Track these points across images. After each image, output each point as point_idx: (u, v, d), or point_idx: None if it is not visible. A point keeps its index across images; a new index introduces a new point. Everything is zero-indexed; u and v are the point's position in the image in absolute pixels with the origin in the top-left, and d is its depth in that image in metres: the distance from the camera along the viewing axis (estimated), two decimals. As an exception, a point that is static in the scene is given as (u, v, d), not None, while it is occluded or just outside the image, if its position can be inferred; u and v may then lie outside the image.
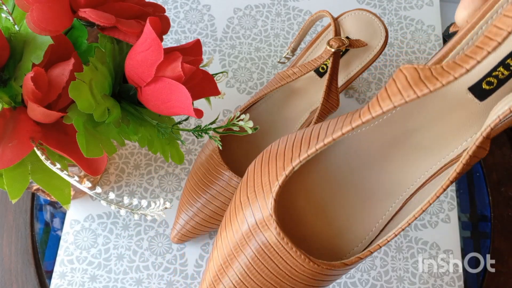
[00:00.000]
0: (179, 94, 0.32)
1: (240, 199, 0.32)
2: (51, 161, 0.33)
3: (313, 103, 0.53)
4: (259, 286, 0.30)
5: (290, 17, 0.64)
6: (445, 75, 0.25)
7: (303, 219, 0.34)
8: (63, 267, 0.50)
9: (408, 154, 0.33)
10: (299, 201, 0.34)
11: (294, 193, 0.34)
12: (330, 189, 0.34)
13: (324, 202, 0.34)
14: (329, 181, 0.34)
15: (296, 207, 0.34)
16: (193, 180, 0.49)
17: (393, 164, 0.33)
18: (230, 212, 0.33)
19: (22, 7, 0.31)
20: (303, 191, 0.34)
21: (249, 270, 0.31)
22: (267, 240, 0.30)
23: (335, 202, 0.34)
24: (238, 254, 0.31)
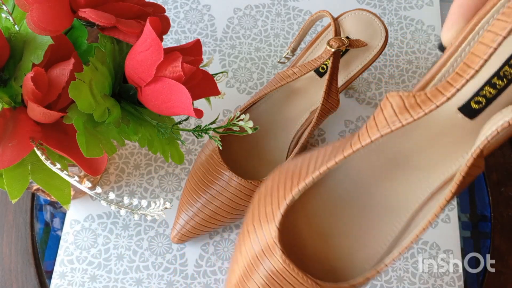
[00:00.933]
0: (179, 94, 0.32)
1: (247, 228, 0.34)
2: (51, 161, 0.33)
3: (313, 103, 0.53)
4: None
5: (290, 17, 0.64)
6: (428, 103, 0.26)
7: (307, 243, 0.34)
8: (63, 267, 0.50)
9: (408, 174, 0.33)
10: (302, 226, 0.35)
11: (297, 219, 0.35)
12: (331, 213, 0.34)
13: (327, 226, 0.34)
14: (330, 205, 0.34)
15: (299, 232, 0.35)
16: (193, 180, 0.49)
17: (394, 185, 0.34)
18: (239, 240, 0.34)
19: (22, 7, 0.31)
20: (305, 216, 0.35)
21: None
22: (273, 267, 0.30)
23: (338, 225, 0.35)
24: (248, 280, 0.32)
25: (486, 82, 0.29)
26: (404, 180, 0.33)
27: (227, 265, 0.50)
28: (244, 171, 0.51)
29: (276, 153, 0.53)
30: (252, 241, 0.32)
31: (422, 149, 0.33)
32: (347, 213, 0.34)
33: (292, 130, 0.53)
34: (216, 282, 0.50)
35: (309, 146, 0.57)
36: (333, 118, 0.57)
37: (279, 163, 0.52)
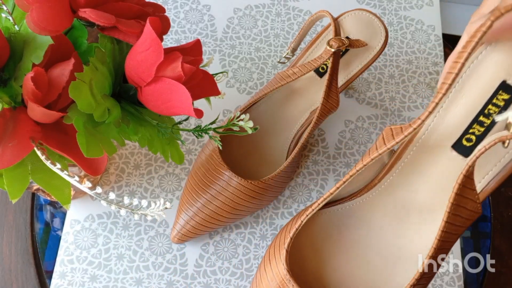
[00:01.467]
0: (179, 94, 0.32)
1: (269, 252, 0.38)
2: (51, 161, 0.33)
3: (313, 103, 0.53)
4: None
5: (290, 17, 0.64)
6: (407, 129, 0.30)
7: (322, 275, 0.37)
8: (63, 267, 0.50)
9: (417, 218, 0.35)
10: (311, 262, 0.38)
11: (323, 245, 0.38)
12: (346, 251, 0.37)
13: (336, 265, 0.38)
14: (351, 242, 0.37)
15: (309, 267, 0.37)
16: (193, 180, 0.49)
17: (404, 230, 0.36)
18: (263, 262, 0.38)
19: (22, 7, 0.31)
20: (331, 243, 0.38)
21: None
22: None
23: (347, 267, 0.37)
24: None
25: (473, 120, 0.32)
26: (414, 224, 0.35)
27: (227, 265, 0.50)
28: (244, 171, 0.51)
29: (276, 153, 0.53)
30: (271, 265, 0.36)
31: (426, 189, 0.35)
32: (363, 252, 0.37)
33: (292, 130, 0.53)
34: (216, 282, 0.50)
35: (309, 146, 0.57)
36: (333, 118, 0.57)
37: (279, 163, 0.52)
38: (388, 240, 0.36)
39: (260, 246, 0.51)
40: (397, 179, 0.36)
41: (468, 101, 0.32)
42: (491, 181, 0.31)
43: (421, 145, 0.34)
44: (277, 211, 0.53)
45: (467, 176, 0.28)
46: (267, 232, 0.52)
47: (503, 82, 0.30)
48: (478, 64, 0.31)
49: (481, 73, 0.31)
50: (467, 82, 0.32)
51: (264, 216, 0.53)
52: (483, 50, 0.31)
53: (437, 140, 0.34)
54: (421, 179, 0.35)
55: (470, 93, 0.32)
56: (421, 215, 0.35)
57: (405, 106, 0.59)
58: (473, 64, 0.31)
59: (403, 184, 0.36)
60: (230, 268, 0.50)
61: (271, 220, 0.53)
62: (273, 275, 0.35)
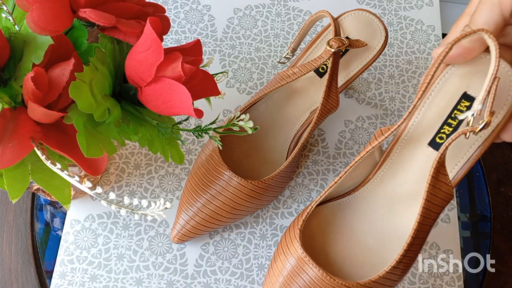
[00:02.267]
0: (179, 94, 0.32)
1: (279, 246, 0.44)
2: (51, 161, 0.33)
3: (313, 103, 0.53)
4: None
5: (290, 17, 0.64)
6: (393, 127, 0.39)
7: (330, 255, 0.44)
8: (63, 267, 0.50)
9: (403, 205, 0.43)
10: (329, 244, 0.44)
11: (325, 234, 0.45)
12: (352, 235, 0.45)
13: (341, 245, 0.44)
14: (352, 229, 0.45)
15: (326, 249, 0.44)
16: (193, 180, 0.49)
17: (394, 215, 0.43)
18: (276, 253, 0.43)
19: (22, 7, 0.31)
20: (332, 233, 0.45)
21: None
22: (310, 277, 0.39)
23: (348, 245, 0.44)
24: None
25: (443, 123, 0.41)
26: (400, 211, 0.43)
27: (227, 264, 0.50)
28: (244, 171, 0.51)
29: (276, 153, 0.53)
30: (283, 262, 0.41)
31: (412, 180, 0.43)
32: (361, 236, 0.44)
33: (292, 130, 0.53)
34: (216, 281, 0.50)
35: (309, 146, 0.57)
36: (333, 118, 0.57)
37: (279, 163, 0.52)
38: (380, 226, 0.43)
39: (260, 246, 0.51)
40: (386, 174, 0.44)
41: (439, 107, 0.41)
42: (460, 170, 0.40)
43: (404, 144, 0.43)
44: (277, 211, 0.53)
45: (440, 163, 0.37)
46: (267, 232, 0.52)
47: (464, 93, 0.40)
48: (446, 79, 0.40)
49: (448, 86, 0.40)
50: (438, 93, 0.41)
51: (264, 216, 0.53)
52: (450, 69, 0.40)
53: (416, 139, 0.42)
54: (405, 172, 0.43)
55: (440, 102, 0.41)
56: (406, 202, 0.43)
57: (405, 106, 0.59)
58: (442, 80, 0.40)
59: (391, 177, 0.44)
60: (230, 268, 0.50)
61: (271, 220, 0.53)
62: (287, 257, 0.40)
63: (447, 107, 0.40)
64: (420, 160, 0.42)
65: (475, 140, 0.39)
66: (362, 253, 0.43)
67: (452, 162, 0.40)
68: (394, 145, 0.43)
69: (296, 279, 0.39)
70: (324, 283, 0.38)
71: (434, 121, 0.41)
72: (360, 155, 0.41)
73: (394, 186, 0.43)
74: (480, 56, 0.38)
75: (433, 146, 0.41)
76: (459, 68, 0.39)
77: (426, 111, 0.41)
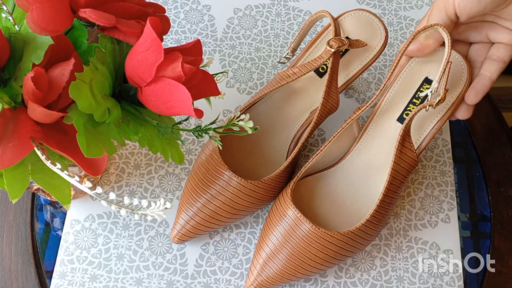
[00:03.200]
0: (179, 94, 0.32)
1: (271, 213, 0.49)
2: (51, 161, 0.33)
3: (313, 103, 0.53)
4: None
5: (290, 17, 0.64)
6: (366, 104, 0.49)
7: (320, 217, 0.50)
8: (63, 267, 0.50)
9: (377, 170, 0.51)
10: (314, 209, 0.51)
11: (313, 200, 0.51)
12: (337, 197, 0.52)
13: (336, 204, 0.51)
14: (334, 195, 0.51)
15: (313, 208, 0.51)
16: (193, 180, 0.49)
17: (369, 182, 0.51)
18: (268, 219, 0.49)
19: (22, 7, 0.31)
20: (318, 199, 0.51)
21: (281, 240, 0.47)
22: (304, 233, 0.46)
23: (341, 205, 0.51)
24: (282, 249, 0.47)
25: (409, 102, 0.50)
26: (374, 179, 0.50)
27: (227, 264, 0.50)
28: (244, 171, 0.51)
29: (276, 153, 0.53)
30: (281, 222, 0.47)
31: (381, 152, 0.50)
32: (346, 200, 0.51)
33: (292, 130, 0.53)
34: (216, 281, 0.50)
35: (309, 146, 0.57)
36: (333, 118, 0.57)
37: (279, 163, 0.52)
38: (357, 191, 0.51)
39: (260, 246, 0.51)
40: (363, 147, 0.51)
41: (406, 89, 0.50)
42: (423, 141, 0.49)
43: (378, 120, 0.51)
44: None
45: (405, 132, 0.46)
46: (267, 232, 0.52)
47: (426, 77, 0.49)
48: (411, 67, 0.50)
49: (413, 72, 0.49)
50: (405, 78, 0.50)
51: (264, 216, 0.53)
52: (414, 59, 0.49)
53: (387, 116, 0.51)
54: (378, 144, 0.51)
55: (406, 85, 0.50)
56: (379, 170, 0.50)
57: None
58: (408, 68, 0.50)
59: (367, 150, 0.51)
60: (230, 268, 0.50)
61: (271, 220, 0.53)
62: (282, 219, 0.47)
63: (411, 88, 0.50)
64: (390, 133, 0.50)
65: (435, 116, 0.49)
66: (342, 214, 0.50)
67: (416, 134, 0.49)
68: (370, 122, 0.51)
69: (292, 235, 0.46)
70: (315, 235, 0.45)
71: (402, 101, 0.50)
72: (340, 128, 0.49)
73: (369, 156, 0.51)
74: (439, 49, 0.47)
75: (401, 121, 0.50)
76: (422, 59, 0.49)
77: (395, 92, 0.50)
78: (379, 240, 0.52)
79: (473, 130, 0.59)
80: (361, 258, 0.51)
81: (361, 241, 0.47)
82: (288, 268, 0.46)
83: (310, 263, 0.46)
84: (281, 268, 0.46)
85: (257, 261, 0.47)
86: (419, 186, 0.55)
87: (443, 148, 0.57)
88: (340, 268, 0.51)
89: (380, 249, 0.52)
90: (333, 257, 0.46)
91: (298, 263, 0.46)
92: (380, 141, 0.51)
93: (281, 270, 0.46)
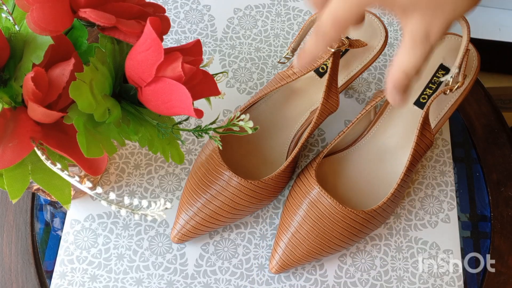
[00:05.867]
0: (179, 94, 0.32)
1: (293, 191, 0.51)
2: (51, 161, 0.33)
3: (313, 103, 0.53)
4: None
5: (290, 17, 0.64)
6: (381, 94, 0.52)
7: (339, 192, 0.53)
8: (63, 267, 0.50)
9: (390, 155, 0.53)
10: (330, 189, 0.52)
11: (330, 180, 0.53)
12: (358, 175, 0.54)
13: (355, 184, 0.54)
14: (349, 176, 0.53)
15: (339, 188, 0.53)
16: (193, 180, 0.49)
17: (384, 163, 0.53)
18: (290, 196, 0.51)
19: (22, 7, 0.31)
20: (336, 179, 0.53)
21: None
22: (326, 208, 0.48)
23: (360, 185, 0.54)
24: (304, 224, 0.49)
25: (426, 86, 0.53)
26: (389, 160, 0.53)
27: (227, 264, 0.50)
28: (244, 171, 0.51)
29: (276, 153, 0.53)
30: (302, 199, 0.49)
31: (398, 134, 0.53)
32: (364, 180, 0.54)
33: (292, 130, 0.53)
34: (216, 281, 0.50)
35: (309, 146, 0.57)
36: (333, 118, 0.57)
37: (279, 163, 0.52)
38: (373, 173, 0.53)
39: (260, 246, 0.51)
40: (378, 130, 0.54)
41: (423, 75, 0.53)
42: (440, 121, 0.52)
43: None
44: (277, 211, 0.53)
45: (425, 117, 0.48)
46: (267, 232, 0.52)
47: (441, 64, 0.54)
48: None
49: (430, 59, 0.51)
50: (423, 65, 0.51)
51: (264, 216, 0.53)
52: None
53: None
54: (393, 128, 0.54)
55: (424, 70, 0.50)
56: (393, 153, 0.53)
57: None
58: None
59: (382, 133, 0.54)
60: (230, 268, 0.50)
61: (271, 220, 0.53)
62: (305, 195, 0.48)
63: (428, 74, 0.53)
64: (406, 117, 0.53)
65: (450, 99, 0.53)
66: (358, 196, 0.52)
67: (433, 115, 0.52)
68: (386, 105, 0.54)
69: (318, 214, 0.47)
70: (342, 214, 0.47)
71: (419, 85, 0.53)
72: (364, 110, 0.51)
73: (384, 139, 0.53)
74: (451, 37, 0.52)
75: (418, 104, 0.53)
76: (438, 47, 0.52)
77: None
78: (379, 240, 0.52)
79: (473, 130, 0.59)
80: (361, 258, 0.51)
81: (380, 219, 0.49)
82: (315, 247, 0.48)
83: (336, 241, 0.48)
84: (308, 247, 0.48)
85: (281, 240, 0.48)
86: (419, 186, 0.55)
87: (443, 148, 0.57)
88: (340, 268, 0.51)
89: (380, 249, 0.52)
90: (356, 234, 0.48)
91: (324, 242, 0.48)
92: (397, 124, 0.53)
93: (307, 249, 0.48)
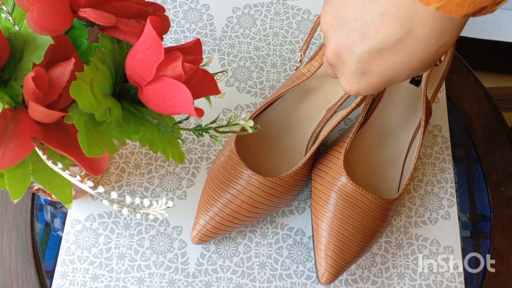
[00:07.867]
0: (179, 93, 0.32)
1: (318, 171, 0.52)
2: (52, 161, 0.33)
3: (329, 100, 0.53)
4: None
5: (289, 16, 0.64)
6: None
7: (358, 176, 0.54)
8: (64, 267, 0.50)
9: (392, 135, 0.55)
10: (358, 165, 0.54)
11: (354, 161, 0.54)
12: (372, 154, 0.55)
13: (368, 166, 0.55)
14: (367, 151, 0.55)
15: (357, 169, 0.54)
16: (212, 181, 0.49)
17: (385, 144, 0.55)
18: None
19: (22, 7, 0.31)
20: (358, 157, 0.55)
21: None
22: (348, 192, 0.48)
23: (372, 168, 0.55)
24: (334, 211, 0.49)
25: None
26: (390, 141, 0.54)
27: (228, 263, 0.51)
28: (262, 171, 0.51)
29: (294, 152, 0.53)
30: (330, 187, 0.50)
31: (398, 115, 0.55)
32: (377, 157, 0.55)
33: (309, 128, 0.54)
34: (218, 280, 0.50)
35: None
36: (333, 117, 0.57)
37: (298, 161, 0.52)
38: (376, 155, 0.54)
39: (261, 244, 0.51)
40: (379, 113, 0.55)
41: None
42: (433, 94, 0.54)
43: (392, 86, 0.55)
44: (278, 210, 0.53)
45: (426, 87, 0.50)
46: (268, 230, 0.52)
47: None
48: None
49: None
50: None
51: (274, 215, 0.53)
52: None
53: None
54: (392, 109, 0.55)
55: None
56: (394, 133, 0.54)
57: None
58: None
59: (382, 115, 0.55)
60: (231, 266, 0.50)
61: (271, 219, 0.53)
62: (332, 184, 0.49)
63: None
64: (403, 95, 0.55)
65: (438, 72, 0.54)
66: (366, 177, 0.53)
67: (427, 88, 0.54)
68: (385, 88, 0.55)
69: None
70: (360, 195, 0.47)
71: None
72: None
73: (384, 121, 0.55)
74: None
75: (413, 82, 0.55)
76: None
77: None
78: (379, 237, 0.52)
79: (473, 130, 0.59)
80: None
81: (400, 206, 0.52)
82: (362, 245, 0.48)
83: (376, 235, 0.48)
84: (357, 248, 0.48)
85: (328, 248, 0.48)
86: (419, 183, 0.55)
87: (442, 145, 0.57)
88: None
89: (380, 246, 0.52)
90: (388, 224, 0.49)
91: (368, 238, 0.48)
92: (394, 104, 0.55)
93: (356, 250, 0.48)
